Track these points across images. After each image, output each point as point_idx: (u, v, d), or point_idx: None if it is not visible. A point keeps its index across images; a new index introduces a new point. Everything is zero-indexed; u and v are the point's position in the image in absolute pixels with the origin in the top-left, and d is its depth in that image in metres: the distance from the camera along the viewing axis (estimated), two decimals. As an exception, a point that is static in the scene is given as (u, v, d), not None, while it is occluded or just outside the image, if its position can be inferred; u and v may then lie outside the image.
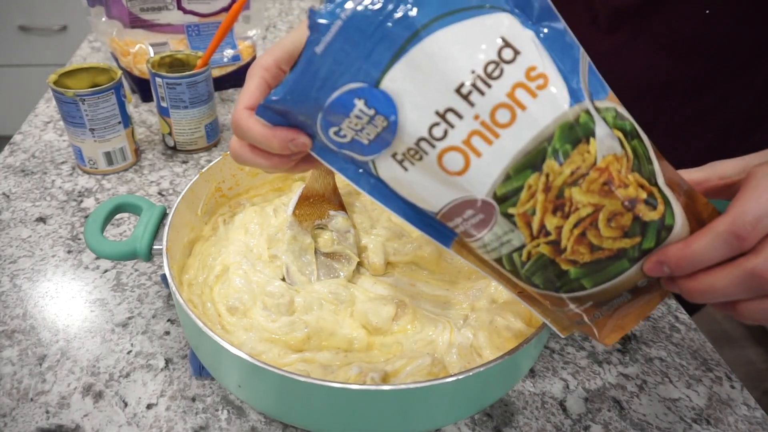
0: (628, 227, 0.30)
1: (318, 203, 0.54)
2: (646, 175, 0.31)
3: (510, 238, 0.32)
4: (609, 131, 0.30)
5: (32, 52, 1.94)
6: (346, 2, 0.29)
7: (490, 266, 0.35)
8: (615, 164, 0.30)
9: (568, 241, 0.31)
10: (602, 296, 0.33)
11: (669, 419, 0.47)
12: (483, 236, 0.33)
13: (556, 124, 0.29)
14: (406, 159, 0.32)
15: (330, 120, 0.32)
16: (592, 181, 0.29)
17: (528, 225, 0.31)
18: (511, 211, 0.31)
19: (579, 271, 0.32)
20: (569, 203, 0.30)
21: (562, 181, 0.30)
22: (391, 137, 0.31)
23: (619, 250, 0.31)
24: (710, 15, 0.52)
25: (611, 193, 0.29)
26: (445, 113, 0.29)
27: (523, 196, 0.30)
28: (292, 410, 0.41)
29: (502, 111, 0.29)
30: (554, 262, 0.32)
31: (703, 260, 0.29)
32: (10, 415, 0.44)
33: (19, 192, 0.69)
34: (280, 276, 0.49)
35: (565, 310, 0.34)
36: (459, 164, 0.30)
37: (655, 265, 0.31)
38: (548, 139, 0.29)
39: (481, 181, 0.30)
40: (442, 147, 0.30)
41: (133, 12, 0.87)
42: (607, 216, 0.30)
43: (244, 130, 0.35)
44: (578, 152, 0.29)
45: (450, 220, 0.33)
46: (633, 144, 0.31)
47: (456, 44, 0.29)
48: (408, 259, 0.52)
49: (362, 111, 0.30)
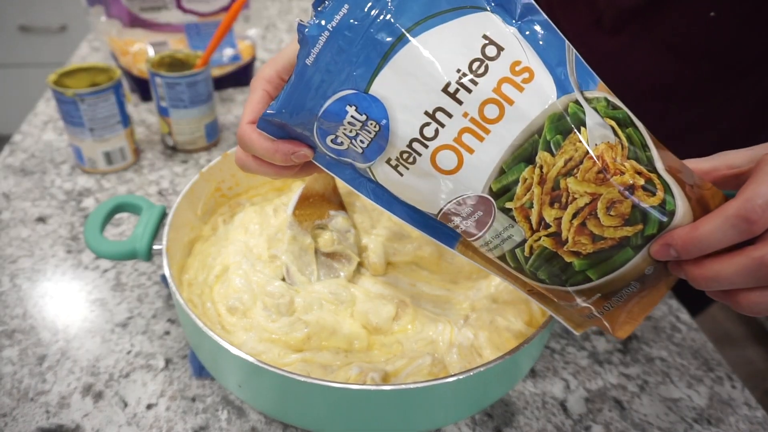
0: (628, 215, 0.30)
1: (318, 203, 0.54)
2: (643, 162, 0.31)
3: (511, 234, 0.32)
4: (600, 120, 0.30)
5: (32, 52, 1.94)
6: (333, 13, 0.30)
7: (496, 265, 0.35)
8: (609, 152, 0.30)
9: (569, 232, 0.31)
10: (609, 287, 0.33)
11: (670, 419, 0.46)
12: (484, 234, 0.33)
13: (545, 115, 0.30)
14: (400, 164, 0.32)
15: (325, 129, 0.33)
16: (587, 170, 0.30)
17: (527, 218, 0.31)
18: (509, 206, 0.31)
19: (583, 263, 0.32)
20: (566, 194, 0.30)
21: (557, 171, 0.30)
22: (385, 142, 0.32)
23: (621, 239, 0.31)
24: (715, 17, 0.52)
25: (607, 180, 0.30)
26: (434, 113, 0.30)
27: (519, 190, 0.30)
28: (292, 410, 0.41)
29: (491, 107, 0.30)
30: (557, 254, 0.32)
31: (710, 244, 0.29)
32: (10, 414, 0.44)
33: (19, 192, 0.69)
34: (280, 276, 0.49)
35: (574, 304, 0.34)
36: (452, 162, 0.31)
37: (662, 247, 0.31)
38: (538, 131, 0.30)
39: (475, 177, 0.31)
40: (435, 146, 0.31)
41: (133, 11, 0.87)
42: (605, 204, 0.30)
43: (248, 145, 0.35)
44: (570, 142, 0.30)
45: (449, 220, 0.34)
46: (627, 132, 0.31)
47: (440, 45, 0.29)
48: (408, 259, 0.52)
49: (354, 117, 0.31)
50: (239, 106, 0.90)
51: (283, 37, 1.16)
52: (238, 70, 0.93)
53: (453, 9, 0.30)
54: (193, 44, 0.91)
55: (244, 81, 0.95)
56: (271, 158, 0.35)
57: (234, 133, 0.83)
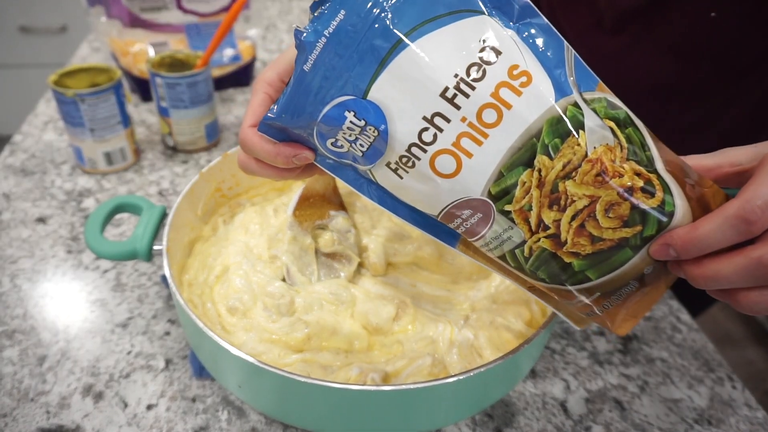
0: (627, 216, 0.30)
1: (318, 203, 0.54)
2: (643, 162, 0.31)
3: (510, 235, 0.32)
4: (599, 122, 0.30)
5: (32, 53, 1.94)
6: (330, 19, 0.30)
7: (497, 264, 0.35)
8: (608, 154, 0.30)
9: (568, 234, 0.31)
10: (609, 286, 0.33)
11: (670, 420, 0.46)
12: (484, 234, 0.33)
13: (543, 119, 0.30)
14: (399, 167, 0.32)
15: (325, 133, 0.33)
16: (585, 173, 0.30)
17: (526, 221, 0.31)
18: (508, 209, 0.31)
19: (582, 263, 0.32)
20: (564, 196, 0.30)
21: (555, 175, 0.30)
22: (384, 146, 0.32)
23: (620, 240, 0.31)
24: (716, 18, 0.52)
25: (606, 183, 0.30)
26: (432, 118, 0.30)
27: (518, 193, 0.31)
28: (293, 411, 0.41)
29: (489, 111, 0.30)
30: (556, 255, 0.32)
31: (710, 244, 0.29)
32: (10, 415, 0.44)
33: (19, 192, 0.69)
34: (280, 276, 0.49)
35: (575, 302, 0.35)
36: (451, 166, 0.31)
37: (662, 247, 0.31)
38: (537, 135, 0.30)
39: (474, 180, 0.31)
40: (433, 151, 0.31)
41: (133, 12, 0.87)
42: (604, 206, 0.30)
43: (250, 148, 0.35)
44: (568, 145, 0.30)
45: (450, 221, 0.34)
46: (627, 132, 0.31)
47: (437, 50, 0.29)
48: (409, 259, 0.52)
49: (353, 123, 0.31)
50: (239, 107, 0.90)
51: (284, 38, 1.17)
52: (239, 70, 0.93)
53: (450, 13, 0.30)
54: (194, 44, 0.91)
55: (244, 81, 0.95)
56: (273, 161, 0.35)
57: (234, 134, 0.83)
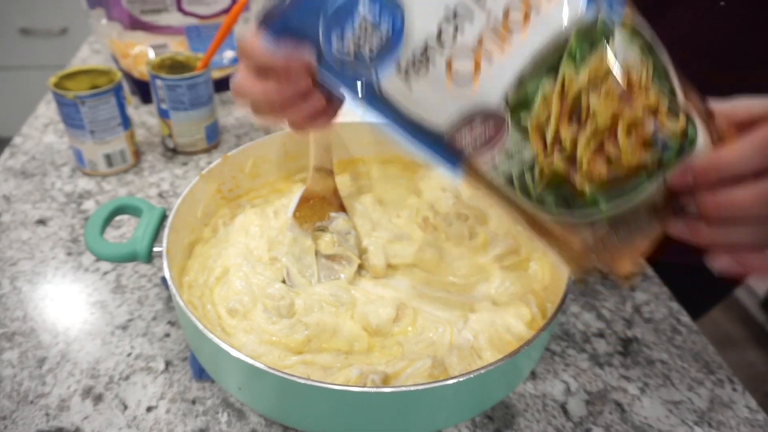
0: (648, 138, 0.28)
1: (318, 205, 0.54)
2: (666, 88, 0.29)
3: (522, 154, 0.30)
4: (628, 39, 0.29)
5: (33, 55, 1.94)
6: None
7: (500, 193, 0.33)
8: (634, 72, 0.28)
9: (584, 155, 0.29)
10: (618, 219, 0.31)
11: (671, 422, 0.46)
12: (493, 153, 0.31)
13: (573, 27, 0.28)
14: (412, 70, 0.30)
15: (334, 31, 0.31)
16: (610, 88, 0.28)
17: (542, 137, 0.29)
18: (524, 121, 0.29)
19: (595, 189, 0.30)
20: (586, 111, 0.28)
21: (579, 87, 0.28)
22: (398, 41, 0.29)
23: (638, 165, 0.29)
24: (724, 8, 0.52)
25: (630, 101, 0.28)
26: (455, 12, 0.28)
27: (538, 102, 0.28)
28: (293, 412, 0.41)
29: (515, 12, 0.28)
30: (568, 179, 0.30)
31: (732, 170, 0.27)
32: (10, 417, 0.44)
33: (20, 194, 0.69)
34: (280, 278, 0.49)
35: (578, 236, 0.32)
36: (468, 69, 0.29)
37: (681, 173, 0.29)
38: (563, 43, 0.28)
39: (492, 85, 0.29)
40: (451, 51, 0.29)
41: (133, 14, 0.87)
42: (625, 126, 0.28)
43: (248, 48, 0.35)
44: (595, 57, 0.28)
45: (458, 139, 0.32)
46: (653, 57, 0.29)
47: None
48: (409, 261, 0.52)
49: (368, 14, 0.29)
50: (239, 109, 0.90)
51: (284, 40, 1.16)
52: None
53: None
54: (194, 46, 0.91)
55: (244, 83, 0.95)
56: (272, 60, 0.34)
57: (234, 135, 0.83)
